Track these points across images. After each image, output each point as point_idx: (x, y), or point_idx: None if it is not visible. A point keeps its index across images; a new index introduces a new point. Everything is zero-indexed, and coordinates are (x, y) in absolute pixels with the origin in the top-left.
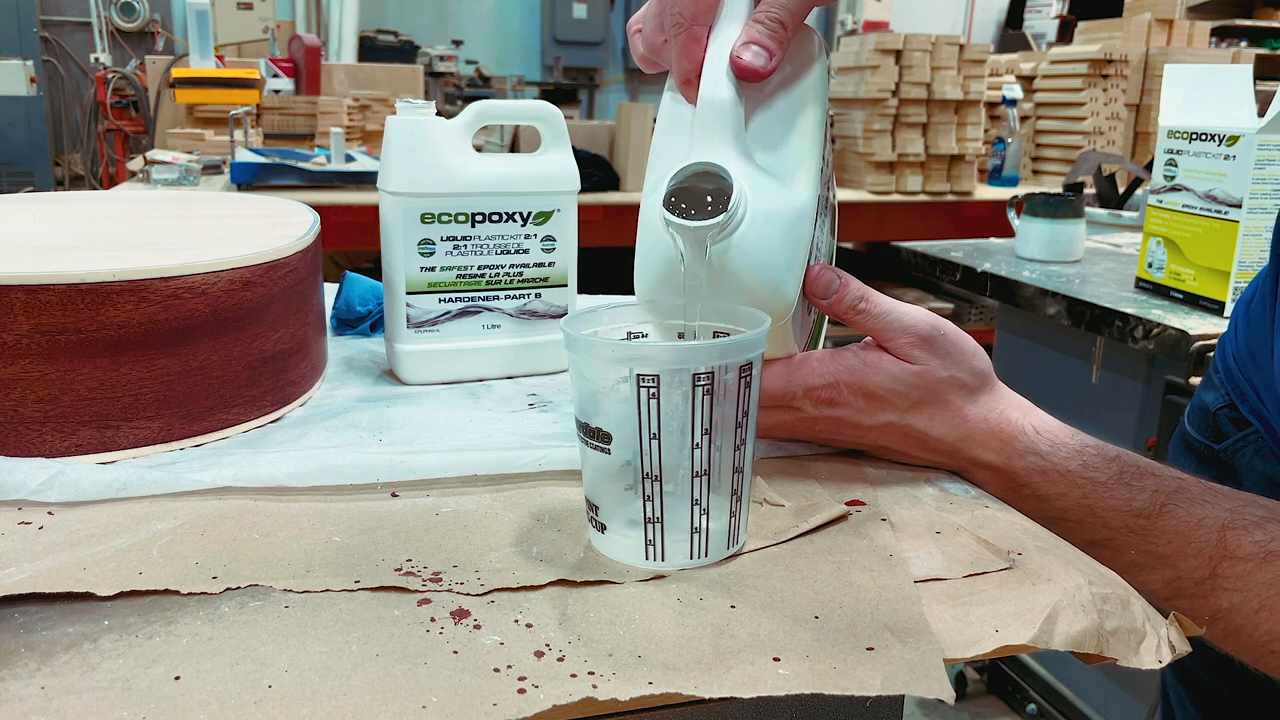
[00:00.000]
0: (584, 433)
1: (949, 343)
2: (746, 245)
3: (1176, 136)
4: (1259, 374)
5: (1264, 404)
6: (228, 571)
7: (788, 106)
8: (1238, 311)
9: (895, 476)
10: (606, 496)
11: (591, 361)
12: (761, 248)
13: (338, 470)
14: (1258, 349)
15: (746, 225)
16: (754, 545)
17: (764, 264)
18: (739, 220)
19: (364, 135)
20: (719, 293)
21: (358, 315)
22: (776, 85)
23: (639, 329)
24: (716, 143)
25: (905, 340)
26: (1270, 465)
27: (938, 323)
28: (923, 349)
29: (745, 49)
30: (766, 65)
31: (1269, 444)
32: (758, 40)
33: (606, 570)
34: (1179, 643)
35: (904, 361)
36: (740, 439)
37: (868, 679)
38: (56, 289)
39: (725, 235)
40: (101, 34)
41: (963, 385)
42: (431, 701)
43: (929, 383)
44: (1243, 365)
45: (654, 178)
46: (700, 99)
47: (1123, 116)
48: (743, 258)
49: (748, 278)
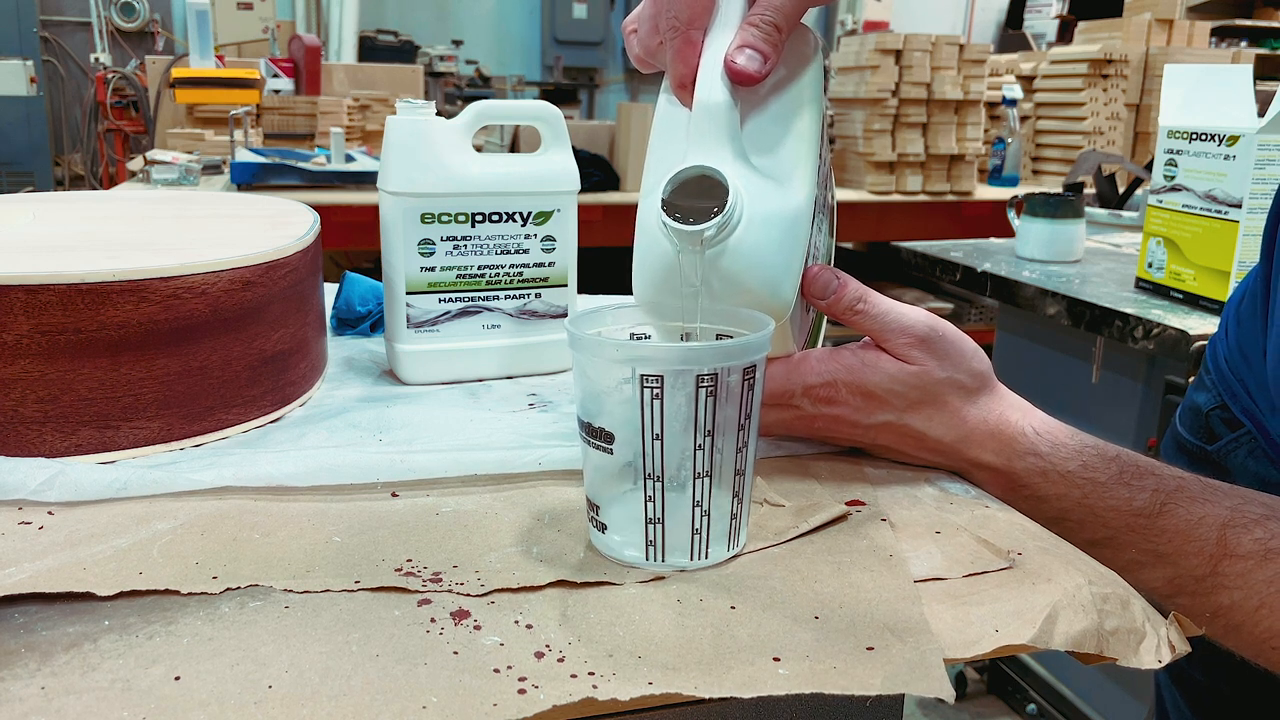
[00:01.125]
0: (586, 432)
1: (947, 344)
2: (743, 248)
3: (1176, 136)
4: (1250, 374)
5: (1256, 404)
6: (228, 571)
7: (783, 108)
8: (1228, 312)
9: (895, 476)
10: (608, 496)
11: (595, 361)
12: (758, 250)
13: (337, 470)
14: (1249, 349)
15: (743, 228)
16: (754, 545)
17: (761, 265)
18: (735, 223)
19: (364, 135)
20: (717, 294)
21: (358, 315)
22: (772, 87)
23: (642, 330)
24: (712, 146)
25: (903, 341)
26: (1262, 466)
27: (936, 324)
28: (921, 350)
29: (739, 53)
30: (760, 69)
31: (1261, 444)
32: (751, 44)
33: (607, 571)
34: (1179, 642)
35: (902, 362)
36: (742, 441)
37: (868, 679)
38: (56, 289)
39: (722, 238)
40: (101, 34)
41: (961, 386)
42: (431, 702)
43: (927, 383)
44: (1234, 366)
45: (651, 181)
46: (695, 102)
47: (1123, 116)
48: (739, 260)
49: (745, 279)
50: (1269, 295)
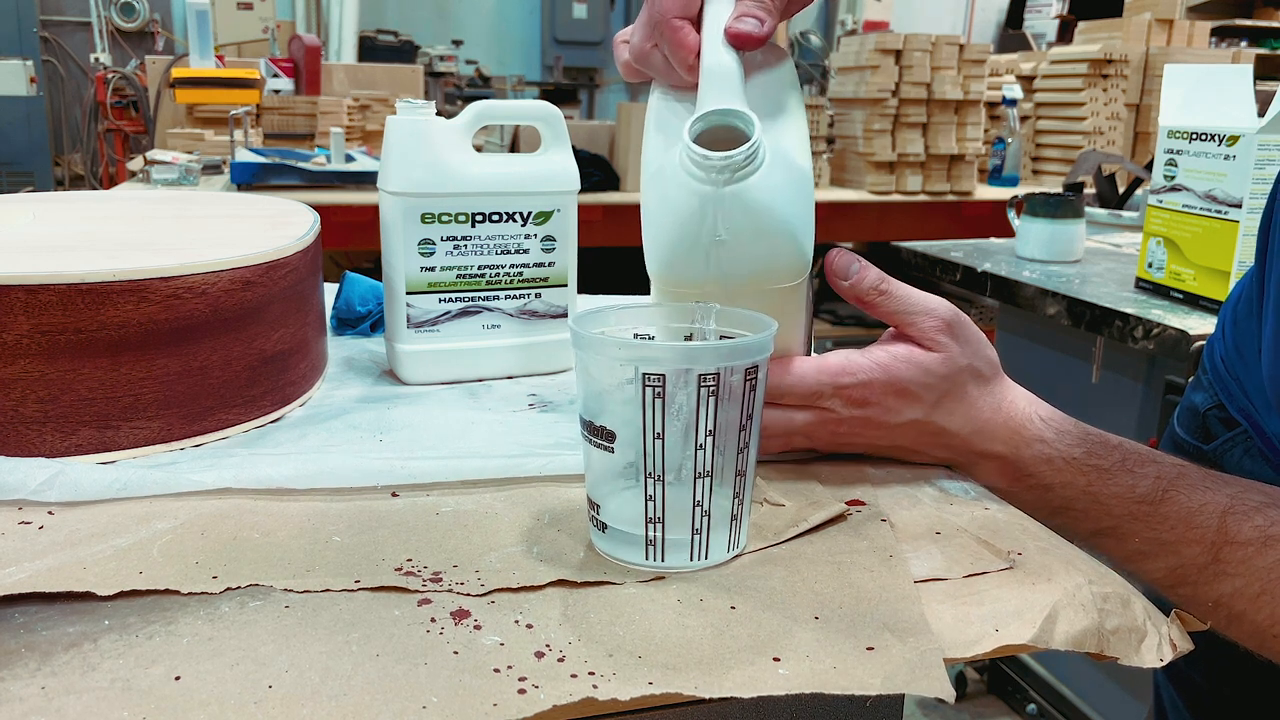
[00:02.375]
0: (588, 431)
1: (969, 329)
2: (769, 183)
3: (1176, 136)
4: (1247, 374)
5: (1252, 404)
6: (228, 571)
7: (770, 89)
8: (1225, 312)
9: (895, 476)
10: (609, 495)
11: (598, 360)
12: (781, 190)
13: (337, 474)
14: (1245, 349)
15: (767, 167)
16: (754, 545)
17: (785, 204)
18: (760, 160)
19: (364, 135)
20: (739, 245)
21: (358, 315)
22: (758, 67)
23: (646, 331)
24: (730, 99)
25: (929, 324)
26: (1258, 465)
27: (956, 309)
28: (946, 334)
29: (739, 20)
30: (760, 30)
31: (1257, 444)
32: (749, 11)
33: (607, 571)
34: (1180, 640)
35: (930, 350)
36: (744, 442)
37: (868, 679)
38: (56, 289)
39: (746, 173)
40: (101, 34)
41: (979, 374)
42: (432, 702)
43: (953, 371)
44: (1231, 366)
45: (649, 173)
46: (703, 70)
47: (1123, 116)
48: (765, 195)
49: (768, 221)
50: (1263, 296)
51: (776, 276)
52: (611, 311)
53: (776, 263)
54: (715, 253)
